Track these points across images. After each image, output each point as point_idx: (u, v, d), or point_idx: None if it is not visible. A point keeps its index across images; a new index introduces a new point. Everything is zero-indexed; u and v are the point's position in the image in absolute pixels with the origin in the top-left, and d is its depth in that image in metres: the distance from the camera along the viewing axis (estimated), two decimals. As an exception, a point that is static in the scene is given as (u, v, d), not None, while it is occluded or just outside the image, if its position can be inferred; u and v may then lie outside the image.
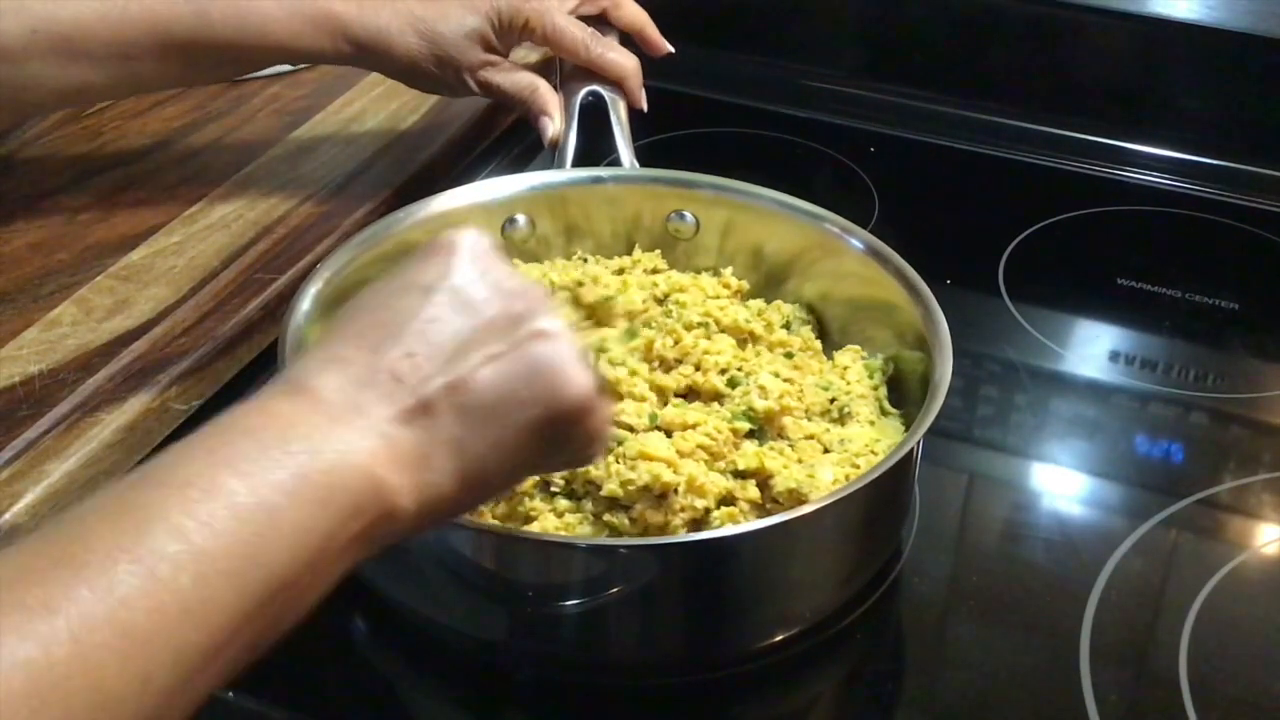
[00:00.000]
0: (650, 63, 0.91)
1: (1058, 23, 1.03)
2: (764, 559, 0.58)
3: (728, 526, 0.58)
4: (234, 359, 0.74)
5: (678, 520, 0.59)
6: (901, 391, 0.70)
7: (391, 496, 0.44)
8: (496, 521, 0.60)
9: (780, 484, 0.61)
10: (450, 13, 0.81)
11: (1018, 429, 0.78)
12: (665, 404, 0.66)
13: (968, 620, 0.66)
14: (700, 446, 0.62)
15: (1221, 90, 1.01)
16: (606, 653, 0.61)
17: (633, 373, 0.66)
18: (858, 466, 0.63)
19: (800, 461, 0.63)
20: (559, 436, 0.50)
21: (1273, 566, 0.69)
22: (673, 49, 0.91)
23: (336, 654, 0.64)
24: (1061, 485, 0.75)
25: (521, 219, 0.76)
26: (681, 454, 0.61)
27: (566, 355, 0.48)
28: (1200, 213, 0.98)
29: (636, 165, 0.80)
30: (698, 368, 0.67)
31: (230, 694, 0.58)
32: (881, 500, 0.62)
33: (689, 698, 0.61)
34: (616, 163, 0.81)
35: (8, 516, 0.61)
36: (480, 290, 0.49)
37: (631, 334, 0.68)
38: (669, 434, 0.63)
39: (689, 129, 1.05)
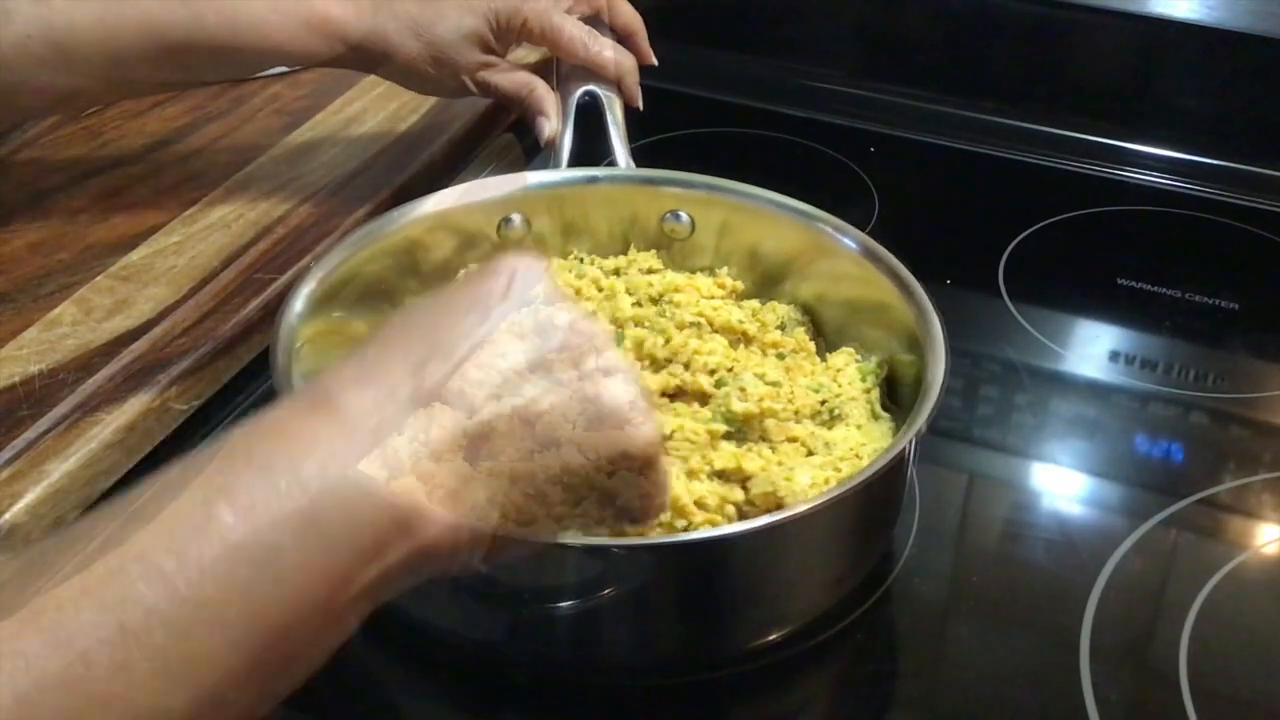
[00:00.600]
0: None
1: (1058, 23, 1.03)
2: (758, 559, 0.58)
3: (722, 527, 0.58)
4: (234, 359, 0.74)
5: (655, 534, 0.59)
6: (898, 394, 0.70)
7: (425, 530, 0.39)
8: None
9: (756, 487, 0.61)
10: (448, 14, 0.81)
11: (1018, 429, 0.78)
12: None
13: (968, 620, 0.66)
14: (676, 454, 0.61)
15: (1221, 90, 1.01)
16: (601, 653, 0.61)
17: None
18: (839, 470, 0.63)
19: (780, 464, 0.63)
20: (614, 484, 0.48)
21: (1273, 566, 0.69)
22: (656, 61, 0.90)
23: (345, 658, 0.64)
24: (1061, 485, 0.75)
25: (517, 218, 0.76)
26: None
27: (631, 398, 0.45)
28: (1200, 213, 0.98)
29: (632, 165, 0.80)
30: (687, 367, 0.67)
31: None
32: (875, 501, 0.62)
33: (684, 698, 0.61)
34: (614, 163, 0.81)
35: (8, 516, 0.61)
36: (540, 318, 0.45)
37: (619, 339, 0.68)
38: None
39: (688, 129, 1.05)
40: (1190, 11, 0.98)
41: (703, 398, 0.66)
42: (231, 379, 0.74)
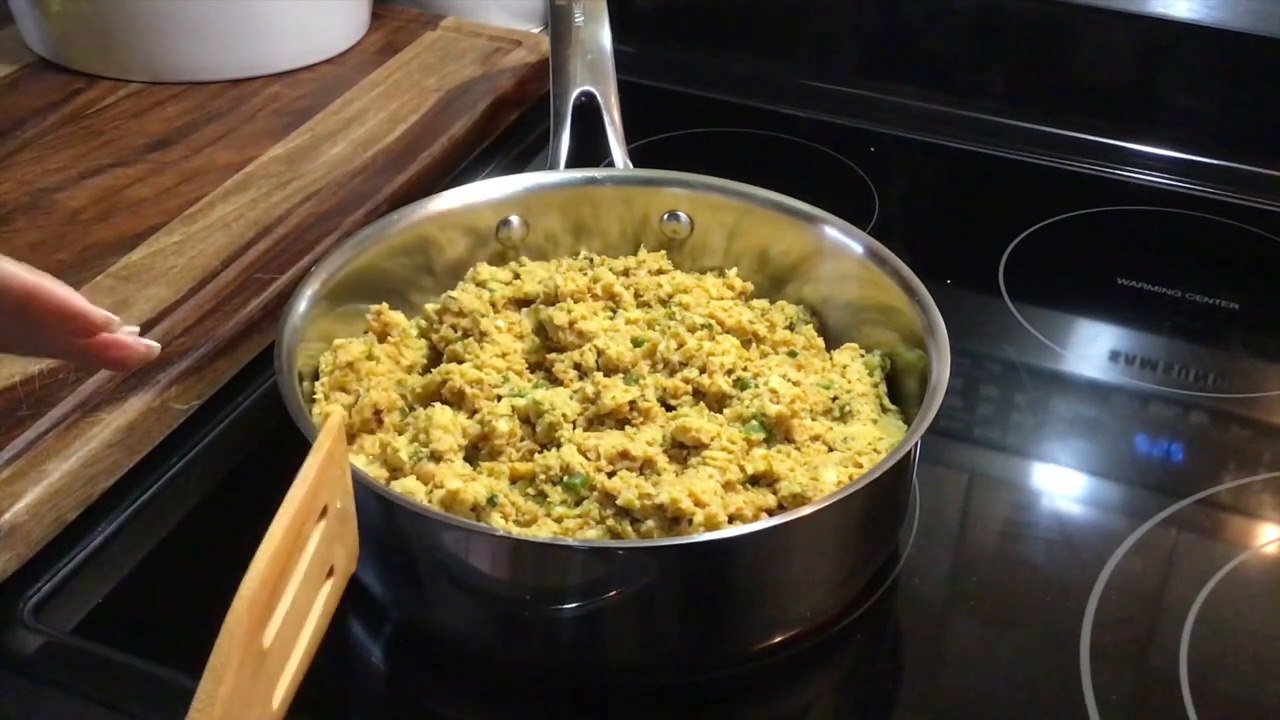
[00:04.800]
0: (651, 62, 0.91)
1: (1058, 22, 1.03)
2: (762, 561, 0.58)
3: (727, 528, 0.58)
4: (234, 359, 0.74)
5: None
6: (900, 389, 0.70)
7: None
8: (503, 522, 0.60)
9: (785, 489, 0.61)
10: None
11: (1018, 429, 0.78)
12: (669, 406, 0.66)
13: (968, 620, 0.66)
14: (716, 465, 0.61)
15: (1221, 90, 1.01)
16: (605, 654, 0.61)
17: (641, 384, 0.66)
18: (860, 466, 0.63)
19: (805, 464, 0.63)
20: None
21: (1273, 566, 0.69)
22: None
23: (332, 655, 0.64)
24: (1061, 485, 0.75)
25: (515, 220, 0.76)
26: (701, 497, 0.59)
27: None
28: (1200, 213, 0.98)
29: (630, 165, 0.80)
30: (703, 370, 0.67)
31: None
32: (880, 501, 0.62)
33: (688, 699, 0.61)
34: (612, 164, 0.81)
35: (8, 516, 0.61)
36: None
37: (631, 379, 0.68)
38: (683, 446, 0.63)
39: (689, 129, 1.05)
40: (1190, 11, 0.98)
41: (721, 400, 0.66)
42: (231, 379, 0.74)
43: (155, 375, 0.70)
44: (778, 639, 0.61)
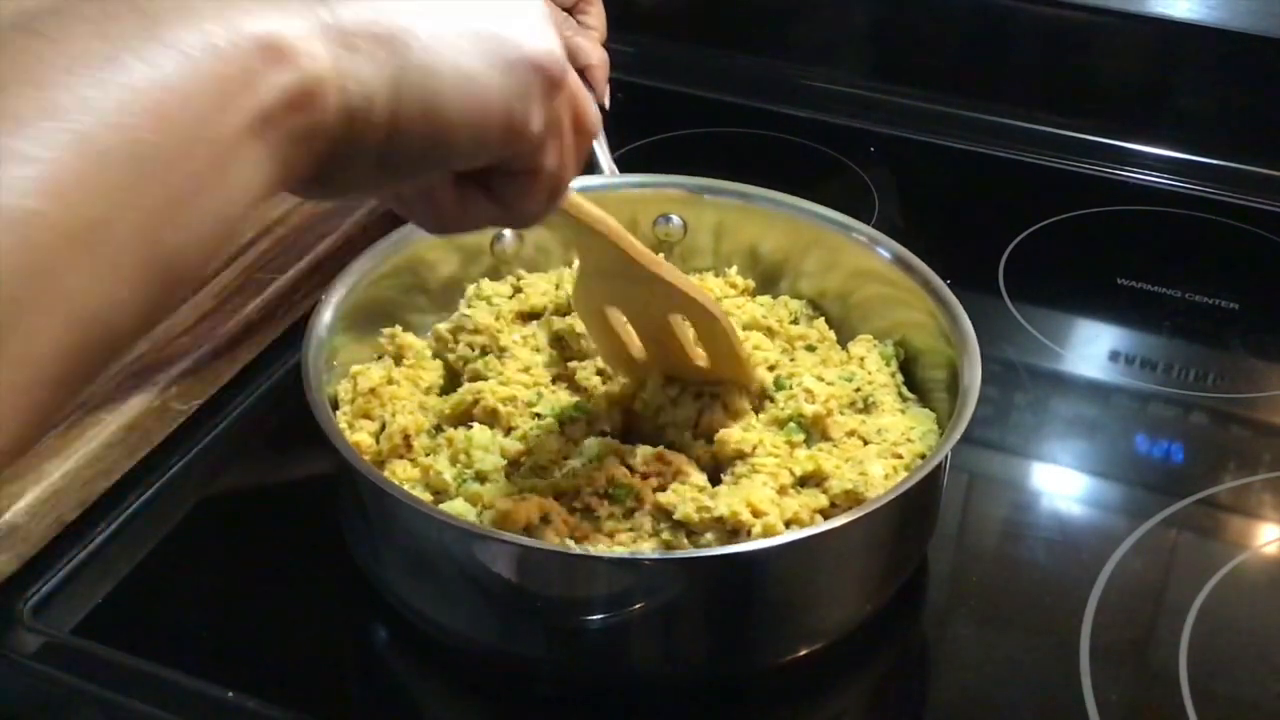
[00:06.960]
0: (651, 62, 0.91)
1: (1060, 24, 1.03)
2: (792, 572, 0.57)
3: (756, 540, 0.57)
4: (234, 359, 0.74)
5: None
6: (913, 378, 0.69)
7: (296, 60, 0.34)
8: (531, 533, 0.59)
9: (835, 487, 0.60)
10: None
11: (1018, 429, 0.78)
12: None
13: (967, 621, 0.66)
14: (764, 470, 0.61)
15: (1221, 90, 1.01)
16: (631, 666, 0.60)
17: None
18: (900, 456, 0.62)
19: (850, 459, 0.63)
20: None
21: (1273, 566, 0.69)
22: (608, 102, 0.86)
23: (357, 661, 0.64)
24: (1061, 485, 0.75)
25: (508, 234, 0.75)
26: (759, 506, 0.59)
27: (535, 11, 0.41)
28: (1200, 213, 0.98)
29: (615, 171, 0.79)
30: None
31: (233, 694, 0.58)
32: (912, 509, 0.61)
33: (713, 711, 0.61)
34: (599, 170, 0.81)
35: (8, 516, 0.61)
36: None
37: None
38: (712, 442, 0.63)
39: (688, 129, 1.05)
40: (1191, 12, 0.98)
41: (760, 396, 0.66)
42: (231, 379, 0.74)
43: (155, 375, 0.70)
44: (803, 652, 0.60)
